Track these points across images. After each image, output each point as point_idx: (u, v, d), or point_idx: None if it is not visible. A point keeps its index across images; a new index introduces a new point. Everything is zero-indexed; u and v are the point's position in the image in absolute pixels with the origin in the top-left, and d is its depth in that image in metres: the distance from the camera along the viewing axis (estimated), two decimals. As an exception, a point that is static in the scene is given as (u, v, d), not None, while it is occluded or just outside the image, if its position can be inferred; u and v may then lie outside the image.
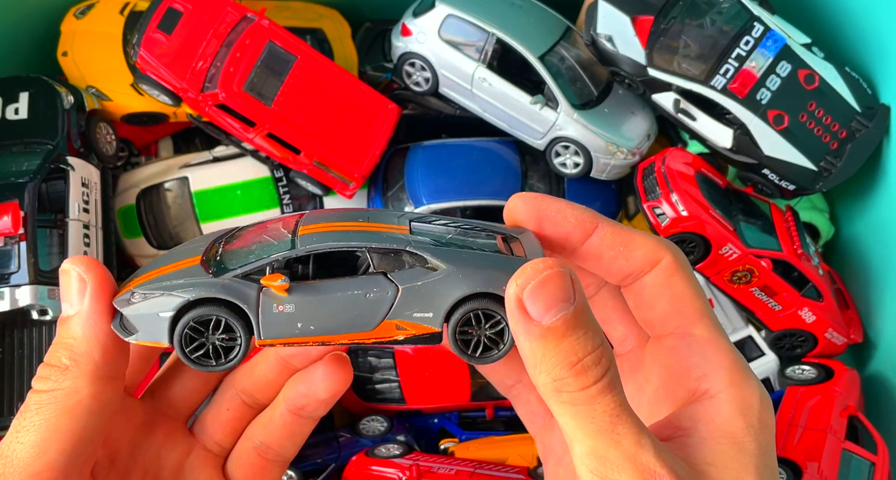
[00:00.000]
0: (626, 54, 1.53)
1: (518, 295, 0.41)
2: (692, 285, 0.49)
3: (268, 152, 1.64)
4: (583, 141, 1.63)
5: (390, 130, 1.68)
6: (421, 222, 0.49)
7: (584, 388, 0.40)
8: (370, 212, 0.51)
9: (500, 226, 0.50)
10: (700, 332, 0.48)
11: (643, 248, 0.48)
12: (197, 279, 0.45)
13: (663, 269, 0.48)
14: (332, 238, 0.45)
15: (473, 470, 1.43)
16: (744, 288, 1.56)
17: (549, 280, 0.41)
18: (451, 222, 0.51)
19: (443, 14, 1.62)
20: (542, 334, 0.41)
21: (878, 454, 1.39)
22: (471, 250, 0.46)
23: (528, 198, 0.50)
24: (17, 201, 1.38)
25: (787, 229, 1.61)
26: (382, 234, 0.46)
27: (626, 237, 0.49)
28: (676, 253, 0.49)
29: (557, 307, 0.41)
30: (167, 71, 1.54)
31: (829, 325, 1.58)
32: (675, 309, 0.48)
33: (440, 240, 0.47)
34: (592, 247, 0.49)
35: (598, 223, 0.49)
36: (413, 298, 0.45)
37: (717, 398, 0.45)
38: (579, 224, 0.49)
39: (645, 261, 0.48)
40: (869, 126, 1.52)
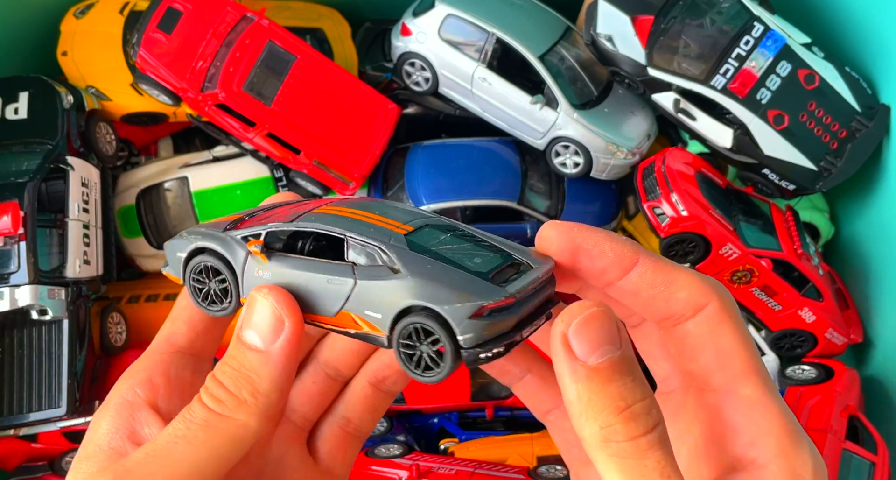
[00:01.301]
0: (625, 54, 1.53)
1: (563, 332, 0.39)
2: (740, 336, 0.44)
3: (267, 152, 1.64)
4: (583, 141, 1.63)
5: (390, 130, 1.68)
6: (436, 227, 0.48)
7: (634, 438, 0.38)
8: (400, 207, 0.50)
9: (527, 255, 0.47)
10: (748, 392, 0.43)
11: (687, 290, 0.44)
12: (211, 232, 0.50)
13: (708, 317, 0.44)
14: (323, 221, 0.46)
15: (473, 470, 1.43)
16: (744, 288, 1.56)
17: (594, 319, 0.39)
18: (472, 238, 0.48)
19: (443, 14, 1.62)
20: (588, 375, 0.39)
21: (878, 454, 1.39)
22: (443, 265, 0.44)
23: (564, 229, 0.46)
24: (16, 200, 1.38)
25: (787, 229, 1.61)
26: (374, 227, 0.46)
27: (669, 276, 0.44)
28: (724, 297, 0.44)
29: (603, 348, 0.39)
30: (167, 71, 1.54)
31: (829, 325, 1.58)
32: (721, 364, 0.43)
33: (424, 248, 0.45)
34: (630, 283, 0.45)
35: (638, 258, 0.44)
36: (367, 295, 0.44)
37: (767, 470, 0.41)
38: (618, 260, 0.44)
39: (687, 305, 0.44)
40: (869, 126, 1.52)
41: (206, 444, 0.43)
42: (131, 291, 1.72)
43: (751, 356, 0.44)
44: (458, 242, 0.47)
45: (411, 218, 0.48)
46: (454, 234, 0.48)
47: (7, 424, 1.41)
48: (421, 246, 0.45)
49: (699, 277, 0.45)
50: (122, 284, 1.72)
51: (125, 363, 1.57)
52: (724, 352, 0.43)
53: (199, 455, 0.43)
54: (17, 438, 1.48)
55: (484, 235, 0.49)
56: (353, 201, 0.50)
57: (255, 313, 0.45)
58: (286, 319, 0.45)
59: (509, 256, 0.47)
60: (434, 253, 0.45)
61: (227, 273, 0.49)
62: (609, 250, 0.45)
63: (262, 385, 0.44)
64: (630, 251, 0.45)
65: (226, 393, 0.44)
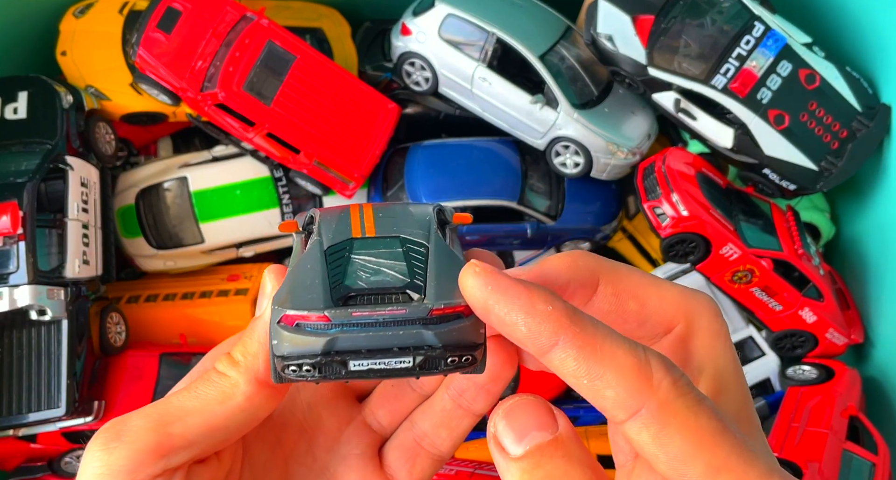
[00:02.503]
0: (626, 54, 1.52)
1: (492, 431, 0.37)
2: (695, 434, 0.35)
3: (267, 152, 1.63)
4: (583, 141, 1.62)
5: (390, 130, 1.67)
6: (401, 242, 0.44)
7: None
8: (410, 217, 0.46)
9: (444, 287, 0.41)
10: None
11: (613, 388, 0.36)
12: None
13: (645, 424, 0.35)
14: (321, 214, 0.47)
15: (473, 471, 1.42)
16: (744, 288, 1.56)
17: (518, 409, 0.36)
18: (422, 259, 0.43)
19: (443, 13, 1.62)
20: (517, 465, 0.35)
21: (879, 454, 1.39)
22: (317, 268, 0.42)
23: (479, 281, 0.38)
24: (15, 200, 1.38)
25: (787, 229, 1.60)
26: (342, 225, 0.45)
27: (594, 369, 0.36)
28: (662, 393, 0.35)
29: (531, 435, 0.35)
30: (166, 70, 1.53)
31: (829, 325, 1.58)
32: (679, 473, 0.36)
33: (350, 249, 0.43)
34: (552, 366, 0.37)
35: (557, 340, 0.36)
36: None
37: None
38: (532, 337, 0.37)
39: (617, 406, 0.36)
40: (870, 126, 1.52)
41: (198, 396, 0.45)
42: (130, 291, 1.71)
43: (714, 452, 0.35)
44: (393, 257, 0.43)
45: (397, 228, 0.45)
46: (406, 250, 0.43)
47: (6, 424, 1.41)
48: (342, 250, 0.43)
49: (634, 369, 0.35)
50: (121, 284, 1.72)
51: (125, 363, 1.57)
52: (677, 459, 0.35)
53: (189, 403, 0.45)
54: (16, 438, 1.48)
55: (441, 258, 0.43)
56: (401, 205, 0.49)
57: (261, 287, 0.47)
58: (272, 284, 0.45)
59: (417, 284, 0.41)
60: (339, 259, 0.43)
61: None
62: (522, 323, 0.37)
63: (251, 346, 0.45)
64: (548, 330, 0.36)
65: (227, 355, 0.46)
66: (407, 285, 0.41)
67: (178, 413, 0.44)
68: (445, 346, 0.40)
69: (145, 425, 0.44)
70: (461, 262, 0.42)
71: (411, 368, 0.40)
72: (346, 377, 0.40)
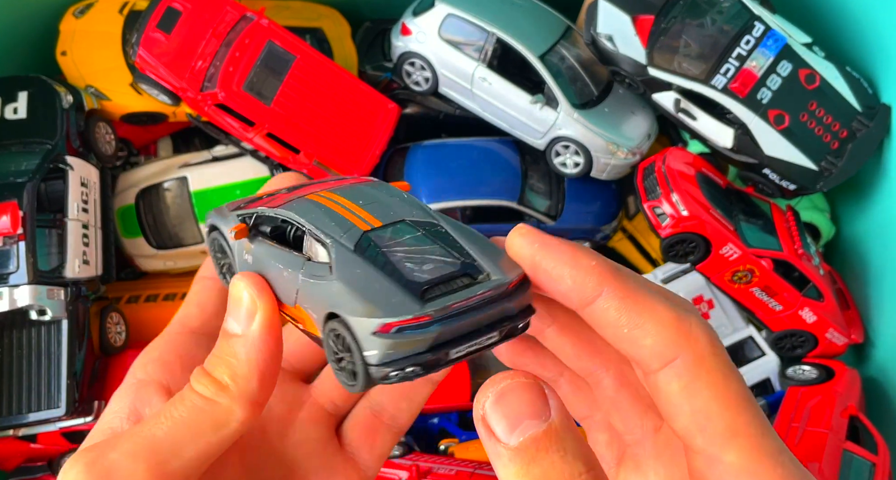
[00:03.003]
0: (626, 54, 1.52)
1: (480, 413, 0.36)
2: (720, 394, 0.37)
3: (267, 152, 1.63)
4: (583, 141, 1.62)
5: (390, 130, 1.67)
6: (412, 224, 0.45)
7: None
8: (395, 199, 0.47)
9: (498, 261, 0.43)
10: (732, 458, 0.37)
11: (652, 338, 0.38)
12: (226, 211, 0.52)
13: (678, 373, 0.37)
14: (298, 209, 0.46)
15: (473, 471, 1.42)
16: (744, 288, 1.56)
17: (511, 393, 0.35)
18: (444, 239, 0.45)
19: (443, 13, 1.62)
20: (511, 457, 0.35)
21: (879, 454, 1.39)
22: (376, 272, 0.41)
23: (527, 240, 0.41)
24: (15, 200, 1.38)
25: (787, 229, 1.60)
26: (338, 220, 0.44)
27: (634, 319, 0.38)
28: (699, 347, 0.38)
29: (525, 424, 0.35)
30: (166, 70, 1.53)
31: (829, 325, 1.58)
32: (699, 427, 0.37)
33: (375, 249, 0.43)
34: (592, 317, 0.39)
35: (601, 291, 0.38)
36: (308, 293, 0.44)
37: None
38: (576, 289, 0.39)
39: (653, 356, 0.38)
40: (870, 126, 1.52)
41: (189, 426, 0.42)
42: (130, 291, 1.71)
43: (736, 414, 0.37)
44: (423, 242, 0.44)
45: (392, 211, 0.45)
46: (426, 232, 0.45)
47: (6, 424, 1.41)
48: (369, 246, 0.43)
49: (672, 321, 0.38)
50: (121, 284, 1.72)
51: (125, 363, 1.57)
52: (701, 413, 0.37)
53: (180, 434, 0.42)
54: (16, 438, 1.48)
55: (463, 234, 0.45)
56: (350, 186, 0.48)
57: (232, 300, 0.45)
58: (258, 301, 0.45)
59: (470, 264, 0.43)
60: (377, 255, 0.42)
61: (228, 252, 0.51)
62: (568, 276, 0.39)
63: (240, 369, 0.44)
64: (593, 282, 0.39)
65: (209, 378, 0.44)
66: (464, 267, 0.43)
67: (172, 448, 0.42)
68: (521, 314, 0.42)
69: (137, 465, 0.40)
70: (478, 233, 0.45)
71: (497, 340, 0.42)
72: (446, 366, 0.41)
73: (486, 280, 0.42)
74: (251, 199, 0.52)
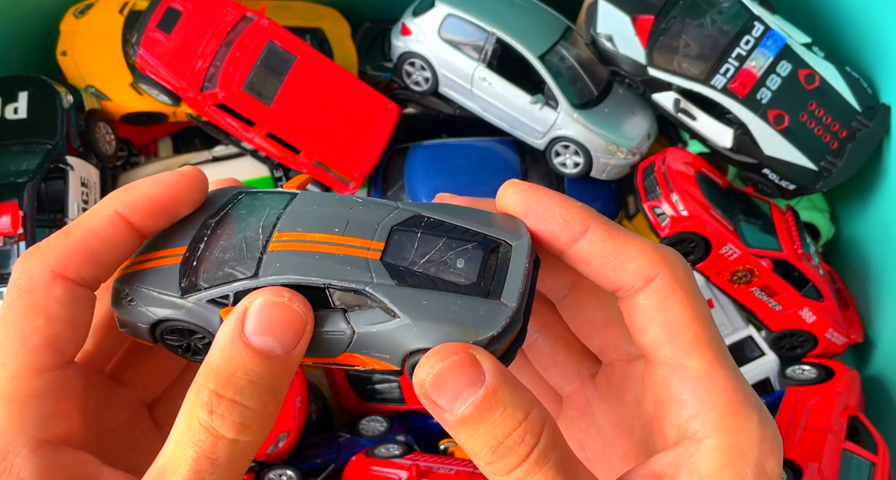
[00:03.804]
0: (626, 54, 1.53)
1: (421, 392, 0.39)
2: (691, 308, 0.42)
3: (267, 152, 1.63)
4: (583, 141, 1.63)
5: (390, 130, 1.68)
6: (405, 230, 0.45)
7: (511, 470, 0.38)
8: (357, 207, 0.46)
9: (499, 226, 0.45)
10: (695, 364, 0.42)
11: (635, 261, 0.43)
12: (167, 297, 0.45)
13: (657, 289, 0.42)
14: (293, 267, 0.43)
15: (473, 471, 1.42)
16: (744, 288, 1.56)
17: (447, 370, 0.39)
18: (441, 228, 0.46)
19: (443, 13, 1.62)
20: (459, 423, 0.39)
21: (879, 454, 1.39)
22: (437, 294, 0.42)
23: (519, 189, 0.46)
24: (16, 200, 1.38)
25: (787, 229, 1.60)
26: (348, 262, 0.43)
27: (619, 247, 0.43)
28: (675, 268, 0.43)
29: (464, 393, 0.38)
30: (166, 70, 1.54)
31: (829, 325, 1.58)
32: (669, 337, 0.42)
33: (408, 272, 0.43)
34: (580, 252, 0.44)
35: (588, 226, 0.43)
36: (369, 340, 0.43)
37: (702, 445, 0.40)
38: (567, 226, 0.44)
39: (636, 276, 0.43)
40: (869, 126, 1.52)
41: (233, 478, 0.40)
42: (131, 291, 1.71)
43: (702, 328, 0.42)
44: (432, 241, 0.45)
45: (376, 224, 0.45)
46: (423, 230, 0.45)
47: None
48: (403, 271, 0.43)
49: (651, 247, 0.43)
50: (121, 284, 1.72)
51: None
52: (672, 324, 0.42)
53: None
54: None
55: (445, 213, 0.47)
56: (310, 213, 0.46)
57: (270, 315, 0.42)
58: (307, 316, 0.43)
59: (482, 239, 0.45)
60: (420, 278, 0.43)
61: (205, 332, 0.45)
62: (559, 215, 0.44)
63: (281, 396, 0.41)
64: (580, 218, 0.44)
65: (251, 414, 0.40)
66: (482, 245, 0.45)
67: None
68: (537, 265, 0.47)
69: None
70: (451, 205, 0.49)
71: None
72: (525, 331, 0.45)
73: (508, 249, 0.44)
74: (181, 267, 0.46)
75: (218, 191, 0.52)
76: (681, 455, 0.41)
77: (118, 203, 0.45)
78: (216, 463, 0.38)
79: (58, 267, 0.43)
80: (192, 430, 0.39)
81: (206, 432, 0.39)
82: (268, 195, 0.49)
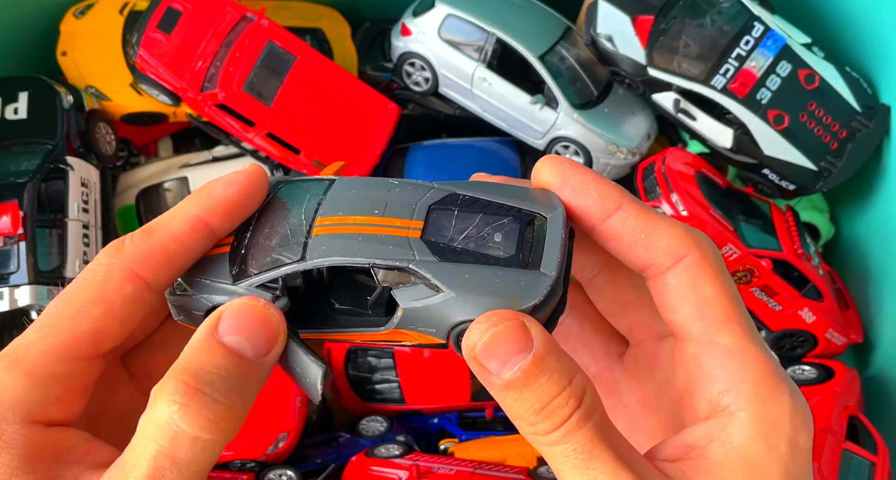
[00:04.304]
0: (626, 54, 1.53)
1: (471, 356, 0.40)
2: (721, 285, 0.43)
3: (267, 152, 1.64)
4: (583, 141, 1.63)
5: (390, 130, 1.68)
6: (442, 208, 0.46)
7: (554, 429, 0.39)
8: (394, 189, 0.48)
9: (533, 200, 0.46)
10: (727, 340, 0.42)
11: (667, 239, 0.43)
12: (220, 284, 0.46)
13: (688, 267, 0.43)
14: (338, 249, 0.44)
15: (473, 470, 1.42)
16: (744, 288, 1.56)
17: (498, 336, 0.40)
18: (476, 204, 0.47)
19: (443, 14, 1.62)
20: (506, 387, 0.40)
21: (878, 454, 1.39)
22: (478, 267, 0.43)
23: (556, 162, 0.46)
24: (16, 201, 1.38)
25: (787, 229, 1.60)
26: (390, 241, 0.44)
27: (650, 225, 0.44)
28: (705, 247, 0.44)
29: (512, 359, 0.40)
30: (166, 71, 1.54)
31: (829, 325, 1.58)
32: (701, 314, 0.43)
33: (449, 248, 0.44)
34: (612, 228, 0.44)
35: (622, 204, 0.44)
36: (415, 316, 0.44)
37: (736, 417, 0.41)
38: (601, 200, 0.44)
39: (667, 255, 0.43)
40: (869, 126, 1.52)
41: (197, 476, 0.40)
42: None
43: (732, 305, 0.43)
44: (469, 218, 0.46)
45: (414, 204, 0.46)
46: (460, 208, 0.46)
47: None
48: (443, 248, 0.44)
49: (681, 227, 0.44)
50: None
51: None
52: (703, 301, 0.43)
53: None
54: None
55: (480, 190, 0.47)
56: (350, 198, 0.47)
57: (244, 318, 0.42)
58: (279, 325, 0.43)
59: (519, 212, 0.46)
60: (460, 253, 0.44)
61: None
62: (593, 189, 0.45)
63: (248, 400, 0.42)
64: (615, 195, 0.44)
65: (220, 407, 0.40)
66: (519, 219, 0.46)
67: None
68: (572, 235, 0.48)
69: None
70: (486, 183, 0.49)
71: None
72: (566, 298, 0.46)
73: (543, 221, 0.45)
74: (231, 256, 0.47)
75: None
76: (713, 427, 0.41)
77: (198, 207, 0.46)
78: (176, 462, 0.38)
79: (136, 266, 0.44)
80: (154, 425, 0.38)
81: (167, 427, 0.38)
82: (307, 183, 0.50)
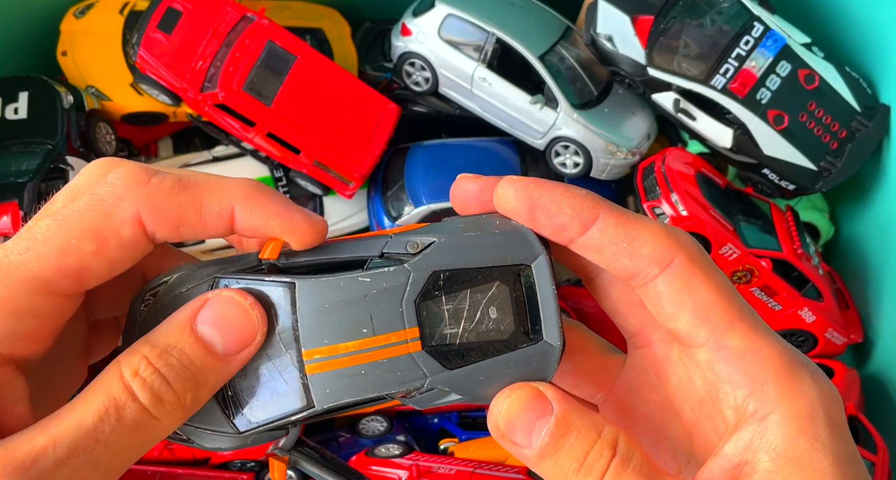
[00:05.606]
0: (625, 54, 1.53)
1: (499, 435, 0.41)
2: (716, 286, 0.42)
3: (267, 152, 1.64)
4: (583, 141, 1.63)
5: (390, 130, 1.68)
6: (429, 298, 0.43)
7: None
8: (370, 293, 0.43)
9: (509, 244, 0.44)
10: (735, 342, 0.41)
11: (650, 245, 0.41)
12: (223, 433, 0.44)
13: (677, 274, 0.41)
14: (345, 389, 0.42)
15: (473, 470, 1.42)
16: (744, 288, 1.56)
17: (516, 407, 0.40)
18: (459, 278, 0.43)
19: (443, 14, 1.62)
20: (540, 456, 0.40)
21: (878, 454, 1.39)
22: (489, 363, 0.42)
23: (520, 186, 0.43)
24: (16, 201, 1.38)
25: (787, 229, 1.61)
26: (394, 366, 0.42)
27: (631, 232, 0.42)
28: (690, 249, 0.42)
29: (536, 427, 0.40)
30: (167, 71, 1.54)
31: (828, 325, 1.58)
32: (702, 319, 0.41)
33: (453, 350, 0.43)
34: (592, 240, 0.42)
35: (598, 213, 0.42)
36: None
37: (769, 420, 0.39)
38: (577, 215, 0.42)
39: (652, 262, 0.41)
40: (869, 126, 1.52)
41: (128, 450, 0.39)
42: (131, 291, 1.72)
43: (730, 304, 0.42)
44: (457, 298, 0.43)
45: (399, 305, 0.42)
46: (445, 291, 0.43)
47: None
48: (448, 351, 0.43)
49: (663, 229, 0.42)
50: (121, 284, 1.72)
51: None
52: (701, 306, 0.41)
53: (116, 461, 0.38)
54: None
55: (458, 247, 0.44)
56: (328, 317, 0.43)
57: (225, 311, 0.42)
58: (259, 328, 0.42)
59: (503, 270, 0.43)
60: (466, 353, 0.43)
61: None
62: (567, 206, 0.43)
63: (204, 393, 0.41)
64: (590, 206, 0.43)
65: (170, 393, 0.40)
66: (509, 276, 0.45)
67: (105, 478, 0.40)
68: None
69: None
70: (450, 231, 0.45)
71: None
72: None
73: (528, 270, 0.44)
74: None
75: (189, 275, 0.45)
76: (752, 438, 0.40)
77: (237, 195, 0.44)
78: (120, 421, 0.38)
79: (147, 213, 0.40)
80: (111, 382, 0.38)
81: (124, 388, 0.38)
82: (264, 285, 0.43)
